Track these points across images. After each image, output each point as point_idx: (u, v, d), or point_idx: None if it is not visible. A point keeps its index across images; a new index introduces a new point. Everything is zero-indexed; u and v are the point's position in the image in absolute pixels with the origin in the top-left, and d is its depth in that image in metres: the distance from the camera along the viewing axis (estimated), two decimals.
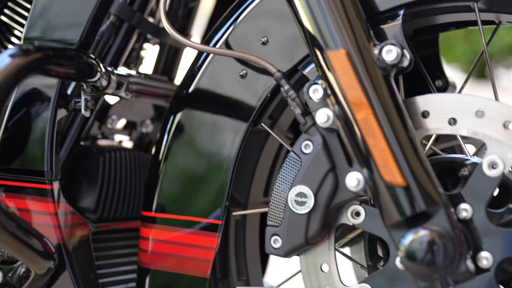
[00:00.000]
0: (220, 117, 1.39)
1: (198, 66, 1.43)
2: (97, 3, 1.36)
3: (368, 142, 1.15)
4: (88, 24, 1.37)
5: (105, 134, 1.64)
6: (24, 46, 1.10)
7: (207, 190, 1.39)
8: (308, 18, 1.20)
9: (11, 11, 1.57)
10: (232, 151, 1.37)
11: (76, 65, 1.23)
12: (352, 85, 1.16)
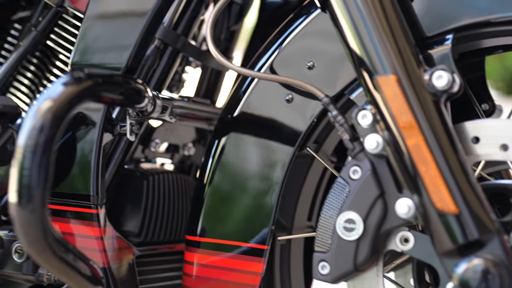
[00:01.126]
0: (265, 142, 1.39)
1: (242, 90, 1.43)
2: (143, 29, 1.37)
3: (419, 168, 1.14)
4: (134, 49, 1.37)
5: (148, 158, 1.64)
6: (76, 74, 1.10)
7: (252, 215, 1.39)
8: (357, 43, 1.20)
9: (56, 36, 1.59)
10: (278, 175, 1.37)
11: (126, 91, 1.23)
12: (402, 111, 1.15)
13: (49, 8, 1.59)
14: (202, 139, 1.77)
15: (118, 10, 1.38)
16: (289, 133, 1.37)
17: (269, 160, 1.38)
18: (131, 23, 1.37)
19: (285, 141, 1.38)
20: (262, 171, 1.39)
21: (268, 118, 1.40)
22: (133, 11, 1.37)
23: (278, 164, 1.38)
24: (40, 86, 1.63)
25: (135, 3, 1.37)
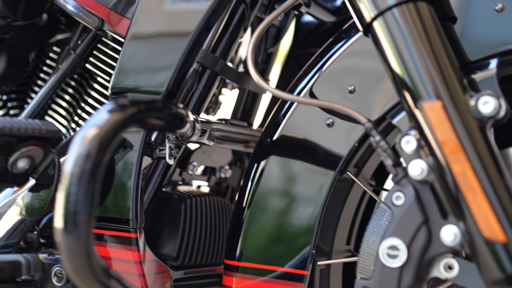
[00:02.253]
0: (306, 166, 1.38)
1: (282, 114, 1.43)
2: (184, 53, 1.37)
3: (466, 196, 1.12)
4: (175, 73, 1.38)
5: (185, 180, 1.64)
6: (120, 101, 1.10)
7: (292, 239, 1.38)
8: (400, 68, 1.19)
9: (95, 59, 1.60)
10: (319, 200, 1.36)
11: (168, 117, 1.23)
12: (448, 138, 1.14)
13: (88, 32, 1.60)
14: (238, 161, 1.77)
15: (158, 34, 1.39)
16: (330, 157, 1.36)
17: (310, 184, 1.37)
18: (172, 47, 1.37)
19: (326, 165, 1.37)
20: (302, 195, 1.38)
21: (308, 142, 1.39)
22: (173, 35, 1.37)
23: (318, 189, 1.37)
24: (78, 108, 1.64)
25: (175, 27, 1.38)
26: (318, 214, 1.36)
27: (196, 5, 1.36)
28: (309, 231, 1.36)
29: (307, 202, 1.37)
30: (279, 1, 1.59)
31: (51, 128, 1.29)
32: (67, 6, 1.55)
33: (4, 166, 1.29)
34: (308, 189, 1.37)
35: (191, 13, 1.36)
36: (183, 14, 1.37)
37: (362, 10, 1.23)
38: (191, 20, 1.36)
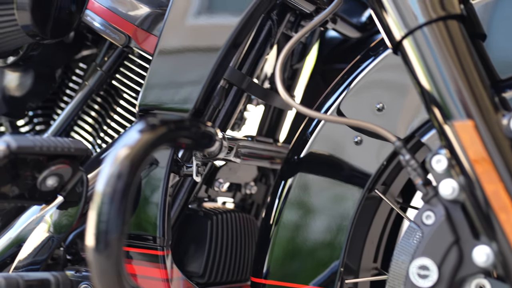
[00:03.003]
0: (334, 183, 1.38)
1: (310, 131, 1.42)
2: (212, 70, 1.37)
3: (499, 216, 1.11)
4: (203, 91, 1.37)
5: (211, 197, 1.64)
6: (151, 121, 1.11)
7: (320, 257, 1.37)
8: (431, 87, 1.18)
9: (121, 75, 1.60)
10: (347, 217, 1.36)
11: (198, 136, 1.23)
12: (480, 158, 1.13)
13: (114, 48, 1.60)
14: (264, 177, 1.77)
15: (186, 50, 1.39)
16: (358, 175, 1.36)
17: (337, 202, 1.37)
18: (200, 64, 1.37)
19: (354, 183, 1.36)
20: (330, 213, 1.37)
21: (336, 159, 1.38)
22: (201, 52, 1.37)
23: (346, 206, 1.36)
24: (104, 125, 1.64)
25: (204, 44, 1.38)
26: (346, 232, 1.35)
27: (225, 21, 1.36)
28: (337, 249, 1.36)
29: (335, 220, 1.37)
30: (305, 18, 1.59)
31: (80, 146, 1.29)
32: (94, 23, 1.56)
33: (33, 184, 1.29)
34: (336, 206, 1.37)
35: (220, 29, 1.36)
36: (212, 31, 1.37)
37: (392, 29, 1.23)
38: (219, 37, 1.36)
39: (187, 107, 1.37)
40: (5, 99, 1.66)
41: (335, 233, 1.36)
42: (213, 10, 1.37)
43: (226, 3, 1.37)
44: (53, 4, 1.35)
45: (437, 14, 1.19)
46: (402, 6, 1.22)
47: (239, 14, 1.35)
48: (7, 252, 1.48)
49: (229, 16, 1.36)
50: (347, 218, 1.36)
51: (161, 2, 1.54)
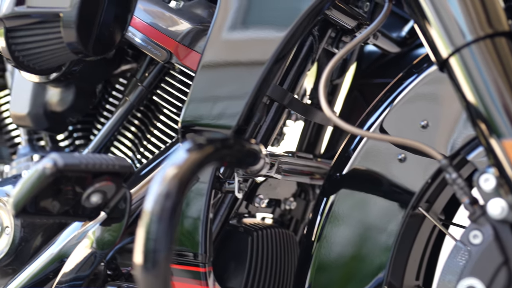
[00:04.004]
0: (377, 201, 1.37)
1: (352, 148, 1.42)
2: (255, 86, 1.36)
3: None
4: (246, 108, 1.37)
5: (251, 213, 1.64)
6: (198, 140, 1.11)
7: (363, 275, 1.36)
8: (479, 105, 1.17)
9: (162, 91, 1.61)
10: (391, 235, 1.35)
11: (243, 154, 1.23)
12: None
13: (155, 64, 1.61)
14: (303, 193, 1.76)
15: (230, 67, 1.38)
16: (402, 192, 1.35)
17: (381, 220, 1.36)
18: (244, 81, 1.36)
19: (398, 200, 1.35)
20: (374, 231, 1.36)
21: (379, 177, 1.38)
22: (245, 69, 1.37)
23: (390, 224, 1.35)
24: (144, 140, 1.64)
25: (248, 61, 1.37)
26: (390, 250, 1.34)
27: (270, 36, 1.35)
28: (381, 267, 1.35)
29: (378, 237, 1.36)
30: (346, 33, 1.58)
31: (123, 164, 1.30)
32: (135, 38, 1.56)
33: (78, 201, 1.29)
34: (380, 224, 1.36)
35: (265, 44, 1.36)
36: (256, 46, 1.36)
37: (438, 46, 1.22)
38: (264, 52, 1.35)
39: (230, 123, 1.37)
40: (46, 114, 1.66)
41: (378, 250, 1.35)
42: (257, 25, 1.37)
43: (271, 18, 1.36)
44: (97, 21, 1.36)
45: (485, 32, 1.18)
46: (448, 24, 1.20)
47: (285, 29, 1.34)
48: (50, 268, 1.49)
49: (274, 31, 1.35)
50: (390, 235, 1.35)
51: (202, 18, 1.54)
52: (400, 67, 1.81)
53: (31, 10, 1.33)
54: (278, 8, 1.36)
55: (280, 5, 1.36)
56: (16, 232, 1.54)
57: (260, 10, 1.37)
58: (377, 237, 1.36)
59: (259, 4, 1.37)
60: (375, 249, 1.36)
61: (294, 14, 1.34)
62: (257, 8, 1.37)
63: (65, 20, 1.32)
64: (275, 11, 1.36)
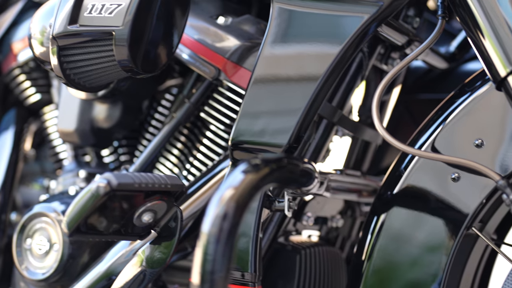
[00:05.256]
0: (429, 220, 1.35)
1: (403, 166, 1.40)
2: (308, 104, 1.35)
3: None
4: (297, 126, 1.35)
5: (299, 231, 1.62)
6: (254, 162, 1.10)
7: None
8: None
9: (210, 107, 1.60)
10: (444, 256, 1.33)
11: (298, 174, 1.22)
12: None
13: (202, 80, 1.60)
14: (349, 210, 1.74)
15: (282, 85, 1.37)
16: (456, 212, 1.33)
17: (433, 240, 1.34)
18: (295, 98, 1.35)
19: (451, 221, 1.33)
20: (426, 251, 1.34)
21: (432, 196, 1.35)
22: (297, 86, 1.35)
23: (443, 245, 1.33)
24: (191, 156, 1.64)
25: (299, 78, 1.36)
26: (442, 270, 1.32)
27: (323, 52, 1.34)
28: (433, 287, 1.33)
29: (431, 257, 1.34)
30: (394, 50, 1.57)
31: (176, 183, 1.29)
32: (182, 55, 1.56)
33: (130, 219, 1.29)
34: (432, 244, 1.34)
35: (317, 61, 1.34)
36: (308, 62, 1.35)
37: (496, 64, 1.20)
38: (316, 69, 1.34)
39: (281, 142, 1.36)
40: (93, 130, 1.67)
41: (431, 270, 1.33)
42: (310, 41, 1.35)
43: (324, 34, 1.34)
44: (148, 39, 1.35)
45: None
46: (507, 41, 1.19)
47: (338, 45, 1.33)
48: (98, 285, 1.49)
49: (328, 47, 1.34)
50: (443, 255, 1.33)
51: (250, 35, 1.54)
52: (448, 83, 1.80)
53: (84, 29, 1.33)
54: (331, 24, 1.34)
55: (333, 21, 1.34)
56: (64, 249, 1.54)
57: (313, 26, 1.36)
58: (430, 257, 1.34)
59: (312, 21, 1.36)
60: (427, 269, 1.34)
61: (348, 31, 1.33)
62: (310, 24, 1.36)
63: (117, 38, 1.32)
64: (329, 27, 1.34)
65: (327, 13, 1.35)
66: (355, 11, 1.33)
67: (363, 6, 1.33)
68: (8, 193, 1.83)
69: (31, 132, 1.94)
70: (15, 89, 1.91)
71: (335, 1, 1.35)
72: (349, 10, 1.33)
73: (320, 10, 1.36)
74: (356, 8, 1.33)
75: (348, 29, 1.33)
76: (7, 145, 1.88)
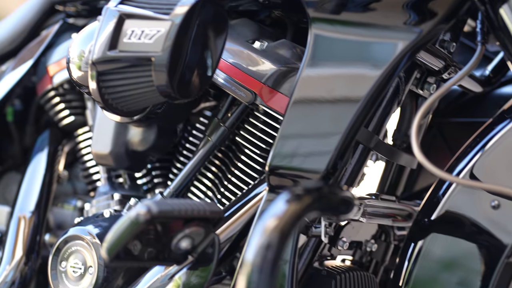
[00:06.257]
0: (468, 248, 1.34)
1: (441, 193, 1.39)
2: (347, 129, 1.35)
3: None
4: (336, 152, 1.35)
5: (333, 255, 1.61)
6: (295, 191, 1.10)
7: None
8: None
9: (245, 131, 1.60)
10: (483, 285, 1.32)
11: (338, 202, 1.22)
12: None
13: (237, 104, 1.60)
14: (383, 234, 1.73)
15: (320, 109, 1.37)
16: (495, 241, 1.32)
17: (473, 268, 1.33)
18: (334, 124, 1.35)
19: (491, 249, 1.32)
20: (465, 278, 1.34)
21: (471, 223, 1.35)
22: (336, 112, 1.35)
23: (482, 273, 1.32)
24: (225, 180, 1.64)
25: (338, 104, 1.36)
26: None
27: (362, 78, 1.34)
28: None
29: (470, 285, 1.33)
30: (431, 75, 1.56)
31: (214, 209, 1.29)
32: (218, 79, 1.56)
33: (167, 245, 1.29)
34: (471, 272, 1.33)
35: (356, 86, 1.34)
36: (347, 88, 1.35)
37: None
38: (356, 93, 1.33)
39: (319, 168, 1.35)
40: (128, 153, 1.67)
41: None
42: (348, 68, 1.35)
43: (364, 58, 1.34)
44: (186, 65, 1.36)
45: None
46: None
47: (379, 69, 1.32)
48: None
49: (367, 73, 1.33)
50: (483, 284, 1.32)
51: (287, 59, 1.54)
52: (483, 107, 1.79)
53: (123, 55, 1.34)
54: (370, 50, 1.34)
55: (372, 47, 1.34)
56: (99, 272, 1.54)
57: (351, 52, 1.35)
58: (468, 285, 1.33)
59: (351, 47, 1.36)
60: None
61: (387, 57, 1.33)
62: (348, 50, 1.36)
63: (156, 64, 1.32)
64: (368, 53, 1.34)
65: (366, 40, 1.35)
66: (394, 37, 1.33)
67: (402, 32, 1.33)
68: (42, 214, 1.84)
69: (64, 153, 1.95)
70: (50, 110, 1.92)
71: (374, 28, 1.35)
72: (388, 37, 1.33)
73: (359, 36, 1.36)
74: (395, 34, 1.33)
75: (387, 55, 1.33)
76: (41, 166, 1.88)
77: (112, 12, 1.37)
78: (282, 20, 1.66)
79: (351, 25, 1.38)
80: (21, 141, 2.09)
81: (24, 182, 1.88)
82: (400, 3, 1.34)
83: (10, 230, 1.82)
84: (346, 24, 1.38)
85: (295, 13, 1.59)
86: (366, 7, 1.37)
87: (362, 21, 1.36)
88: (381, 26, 1.35)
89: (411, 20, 1.33)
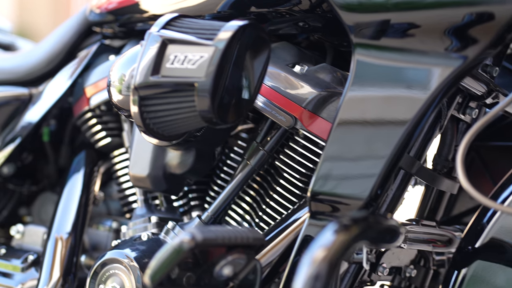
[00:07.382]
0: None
1: (485, 220, 1.37)
2: (390, 155, 1.33)
3: None
4: (379, 179, 1.34)
5: (373, 281, 1.60)
6: (344, 221, 1.09)
7: None
8: None
9: (284, 155, 1.59)
10: None
11: (384, 231, 1.20)
12: None
13: (277, 128, 1.59)
14: (422, 259, 1.71)
15: (364, 135, 1.36)
16: None
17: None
18: (378, 150, 1.34)
19: None
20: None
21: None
22: (380, 138, 1.34)
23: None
24: (263, 204, 1.63)
25: (382, 130, 1.34)
26: None
27: (406, 105, 1.33)
28: None
29: None
30: (473, 99, 1.54)
31: (257, 236, 1.28)
32: (258, 103, 1.56)
33: (209, 272, 1.28)
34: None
35: (400, 113, 1.32)
36: (391, 114, 1.33)
37: None
38: (399, 121, 1.32)
39: (363, 194, 1.34)
40: (165, 176, 1.66)
41: None
42: (391, 94, 1.34)
43: (407, 87, 1.33)
44: (228, 90, 1.35)
45: None
46: None
47: (422, 97, 1.31)
48: None
49: (412, 100, 1.32)
50: None
51: (327, 84, 1.53)
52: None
53: (165, 80, 1.34)
54: (415, 76, 1.33)
55: (417, 73, 1.33)
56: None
57: (395, 79, 1.34)
58: None
59: (394, 73, 1.35)
60: None
61: (432, 84, 1.31)
62: (392, 76, 1.35)
63: (199, 89, 1.32)
64: (412, 79, 1.33)
65: (410, 66, 1.34)
66: (440, 64, 1.31)
67: (447, 59, 1.31)
68: (79, 235, 1.84)
69: (100, 174, 1.95)
70: (86, 132, 1.92)
71: (418, 54, 1.33)
72: (433, 63, 1.32)
73: (403, 63, 1.34)
74: (441, 61, 1.31)
75: (432, 82, 1.32)
76: (77, 187, 1.88)
77: (154, 37, 1.37)
78: (321, 43, 1.66)
79: (394, 51, 1.36)
80: (56, 162, 2.10)
81: (61, 203, 1.88)
82: (442, 29, 1.32)
83: (47, 251, 1.81)
84: (388, 49, 1.37)
85: (335, 37, 1.59)
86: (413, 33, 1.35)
87: (406, 47, 1.35)
88: (424, 51, 1.34)
89: (455, 46, 1.32)
